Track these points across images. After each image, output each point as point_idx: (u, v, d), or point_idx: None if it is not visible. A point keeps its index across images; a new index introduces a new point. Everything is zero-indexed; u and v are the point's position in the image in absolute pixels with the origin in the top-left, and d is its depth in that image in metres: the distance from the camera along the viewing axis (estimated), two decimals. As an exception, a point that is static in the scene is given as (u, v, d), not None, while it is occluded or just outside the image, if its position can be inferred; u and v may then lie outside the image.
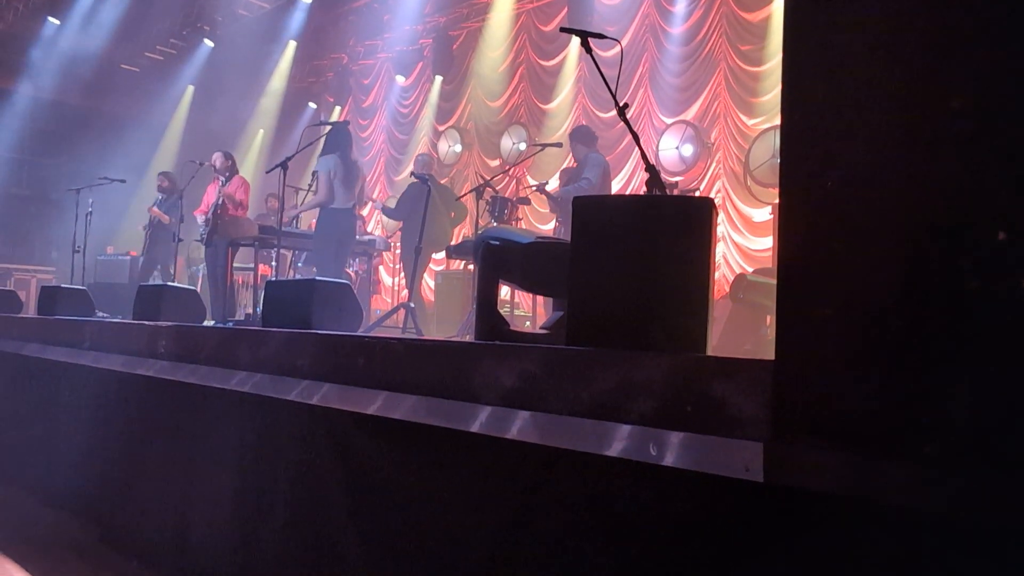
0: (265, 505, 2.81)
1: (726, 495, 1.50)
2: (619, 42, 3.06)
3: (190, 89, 13.63)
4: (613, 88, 2.73)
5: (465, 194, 7.43)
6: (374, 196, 10.99)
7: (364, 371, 2.45)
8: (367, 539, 2.38)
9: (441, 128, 11.57)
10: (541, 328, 2.72)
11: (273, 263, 6.96)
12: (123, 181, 8.04)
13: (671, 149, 8.42)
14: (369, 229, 9.79)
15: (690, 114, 8.61)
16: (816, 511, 1.37)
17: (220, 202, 7.02)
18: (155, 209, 8.81)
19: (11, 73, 12.50)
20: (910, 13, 1.33)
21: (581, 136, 6.64)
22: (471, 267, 7.08)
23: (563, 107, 9.96)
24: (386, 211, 8.61)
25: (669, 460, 1.58)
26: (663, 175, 5.61)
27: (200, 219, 7.25)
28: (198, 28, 12.35)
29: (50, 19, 11.97)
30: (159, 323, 3.87)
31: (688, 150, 8.32)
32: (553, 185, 7.21)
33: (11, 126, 12.63)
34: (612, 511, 1.73)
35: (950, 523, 1.21)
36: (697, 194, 7.50)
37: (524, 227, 8.55)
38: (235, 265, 7.56)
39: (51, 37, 12.15)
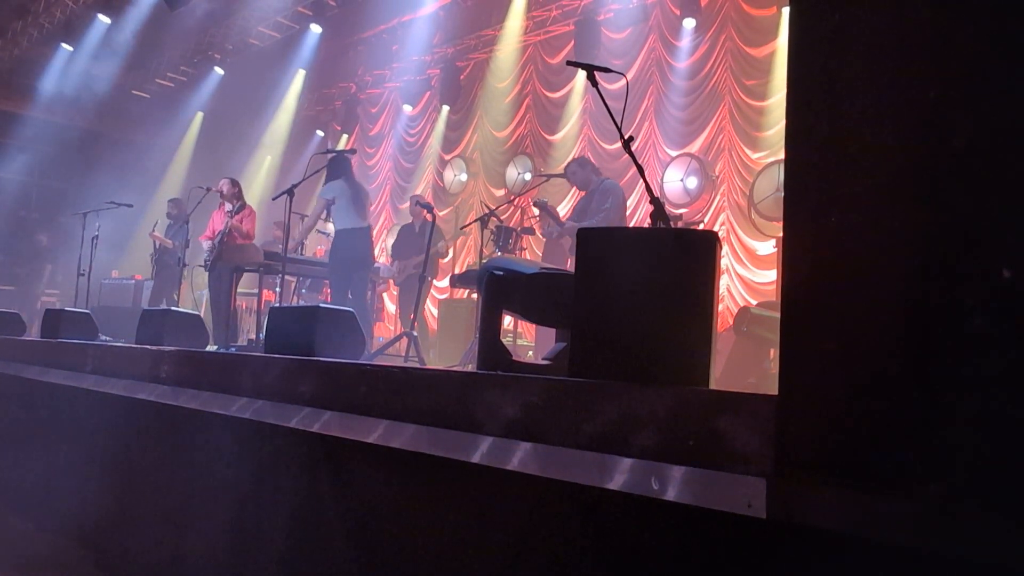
0: (264, 533, 2.78)
1: (728, 531, 1.49)
2: (624, 76, 3.09)
3: (199, 116, 13.79)
4: (618, 120, 2.76)
5: (470, 223, 7.45)
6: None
7: (365, 399, 2.44)
8: (366, 569, 2.35)
9: (447, 157, 11.66)
10: (543, 359, 2.71)
11: (277, 289, 6.97)
12: (130, 206, 8.09)
13: (676, 181, 8.46)
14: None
15: (695, 147, 8.66)
16: (819, 549, 1.35)
17: (227, 231, 7.04)
18: (156, 234, 8.86)
19: (24, 98, 12.67)
20: (914, 51, 1.35)
21: (579, 165, 6.34)
22: (475, 296, 7.08)
23: (569, 138, 10.04)
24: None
25: (671, 495, 1.56)
26: (667, 207, 5.59)
27: (205, 245, 7.28)
28: (209, 56, 12.52)
29: (63, 45, 12.14)
30: (162, 348, 3.87)
31: (692, 183, 8.35)
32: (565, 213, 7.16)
33: (22, 149, 12.78)
34: (613, 545, 1.71)
35: (954, 564, 1.19)
36: (701, 226, 7.51)
37: (528, 256, 8.57)
38: (240, 290, 7.57)
39: (64, 63, 12.32)
